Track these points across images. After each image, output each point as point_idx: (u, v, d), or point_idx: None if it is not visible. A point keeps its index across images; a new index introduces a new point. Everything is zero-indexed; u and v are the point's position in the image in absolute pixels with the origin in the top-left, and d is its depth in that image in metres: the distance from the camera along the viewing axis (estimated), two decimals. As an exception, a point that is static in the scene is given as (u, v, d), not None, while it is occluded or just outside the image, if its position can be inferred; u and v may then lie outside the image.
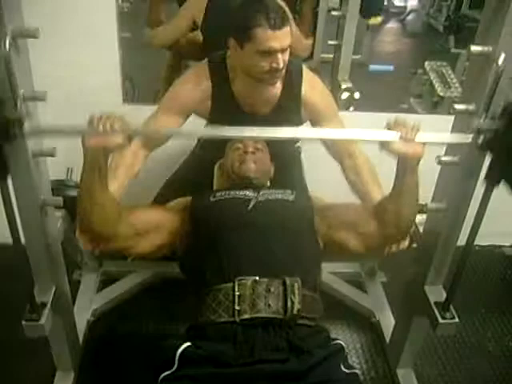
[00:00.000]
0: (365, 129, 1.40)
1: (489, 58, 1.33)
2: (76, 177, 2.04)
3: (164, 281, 2.39)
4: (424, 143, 1.39)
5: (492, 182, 1.35)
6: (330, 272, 2.43)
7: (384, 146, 1.39)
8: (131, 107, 2.35)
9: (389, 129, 1.39)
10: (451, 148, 1.52)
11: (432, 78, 2.90)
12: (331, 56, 2.70)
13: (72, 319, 1.95)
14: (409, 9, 4.91)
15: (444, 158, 1.51)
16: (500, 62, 1.30)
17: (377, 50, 3.65)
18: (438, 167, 1.59)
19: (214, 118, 1.86)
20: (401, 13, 4.78)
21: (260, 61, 1.65)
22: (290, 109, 1.87)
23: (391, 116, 1.45)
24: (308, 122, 1.97)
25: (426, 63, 2.92)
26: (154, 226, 1.61)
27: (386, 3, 4.82)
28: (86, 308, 2.22)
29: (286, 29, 1.62)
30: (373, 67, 3.40)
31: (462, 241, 1.58)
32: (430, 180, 1.63)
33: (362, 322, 2.32)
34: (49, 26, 1.32)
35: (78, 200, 1.45)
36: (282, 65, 1.65)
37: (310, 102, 1.86)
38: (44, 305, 1.58)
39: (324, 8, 3.03)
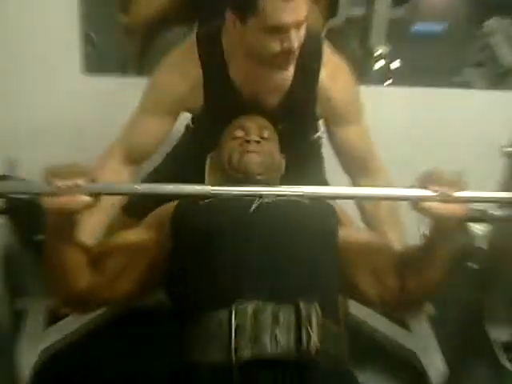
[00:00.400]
0: (393, 188, 1.58)
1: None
2: (21, 171, 2.08)
3: (135, 312, 2.35)
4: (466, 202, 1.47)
5: None
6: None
7: (415, 204, 1.46)
8: (94, 79, 2.37)
9: (422, 186, 1.45)
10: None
11: (497, 41, 2.91)
12: (361, 13, 2.71)
13: (12, 362, 1.95)
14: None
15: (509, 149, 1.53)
16: None
17: (424, 4, 3.64)
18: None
19: (209, 113, 1.91)
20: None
21: (268, 40, 1.66)
22: (303, 99, 1.91)
23: (438, 92, 1.47)
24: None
25: (490, 21, 2.93)
26: (128, 260, 1.65)
27: None
28: (33, 347, 2.23)
29: None
30: (418, 27, 3.41)
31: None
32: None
33: (402, 368, 2.34)
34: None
35: (44, 264, 1.56)
36: (296, 44, 1.66)
37: (328, 93, 1.89)
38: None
39: None
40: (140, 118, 1.87)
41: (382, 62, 2.64)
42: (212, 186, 1.83)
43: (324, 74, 1.87)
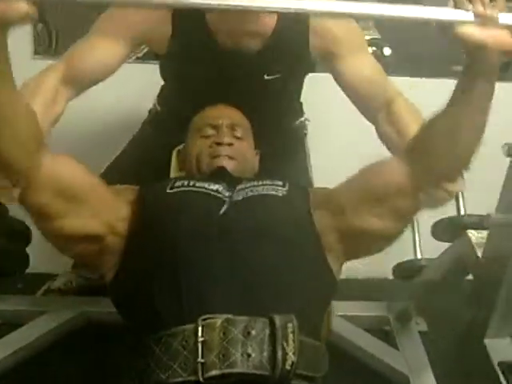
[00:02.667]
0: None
1: None
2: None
3: (89, 326, 2.39)
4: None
5: None
6: (343, 315, 2.43)
7: (447, 31, 1.32)
8: (45, 63, 2.34)
9: (458, 5, 1.30)
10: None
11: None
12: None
13: None
14: None
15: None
16: None
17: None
18: (503, 167, 1.61)
19: (175, 52, 1.87)
20: None
21: None
22: (291, 41, 1.88)
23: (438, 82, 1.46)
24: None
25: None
26: (89, 194, 1.56)
27: None
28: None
29: None
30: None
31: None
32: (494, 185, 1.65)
33: (390, 392, 2.33)
34: None
35: None
36: None
37: (323, 25, 1.86)
38: None
39: None
40: (89, 39, 1.83)
41: (371, 49, 2.63)
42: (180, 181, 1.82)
43: None
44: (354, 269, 2.02)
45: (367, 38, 2.66)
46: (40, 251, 2.31)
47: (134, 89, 1.92)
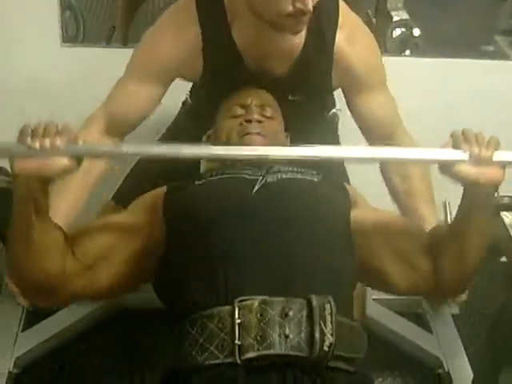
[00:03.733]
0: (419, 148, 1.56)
1: None
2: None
3: (124, 313, 2.39)
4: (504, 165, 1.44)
5: None
6: (376, 299, 2.43)
7: (445, 168, 1.45)
8: (74, 50, 2.37)
9: (454, 146, 1.43)
10: None
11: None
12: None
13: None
14: None
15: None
16: None
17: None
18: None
19: (208, 81, 1.91)
20: None
21: None
22: (316, 66, 1.90)
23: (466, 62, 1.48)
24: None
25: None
26: (110, 247, 1.63)
27: None
28: (7, 354, 2.23)
29: None
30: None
31: None
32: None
33: (423, 374, 2.33)
34: None
35: (9, 241, 1.49)
36: (310, 5, 1.64)
37: (345, 59, 1.89)
38: None
39: None
40: (125, 85, 1.87)
41: (400, 30, 2.64)
42: (209, 169, 1.85)
43: (341, 37, 1.86)
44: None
45: (396, 19, 2.68)
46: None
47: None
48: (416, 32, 2.67)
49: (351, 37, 1.88)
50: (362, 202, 1.77)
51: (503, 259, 1.94)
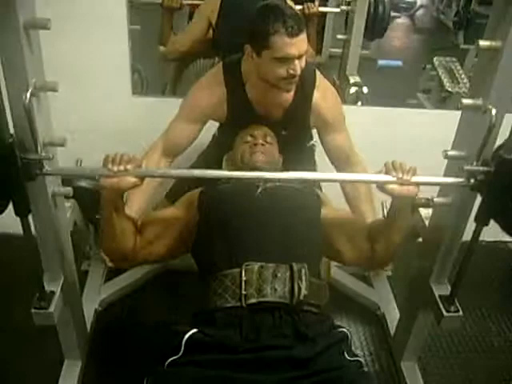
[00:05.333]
0: (362, 174, 1.72)
1: (497, 52, 1.33)
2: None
3: (171, 272, 2.41)
4: (419, 184, 1.47)
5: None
6: (337, 266, 2.42)
7: (381, 187, 1.47)
8: (140, 99, 2.37)
9: (386, 172, 1.45)
10: (458, 142, 1.53)
11: (441, 73, 2.91)
12: (340, 51, 2.71)
13: (80, 309, 1.97)
14: (418, 4, 4.92)
15: (451, 153, 1.52)
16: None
17: (386, 46, 3.64)
18: (444, 162, 1.61)
19: (231, 122, 1.92)
20: (410, 8, 4.78)
21: (277, 67, 1.67)
22: (299, 114, 1.91)
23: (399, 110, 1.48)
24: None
25: (435, 59, 2.95)
26: (163, 230, 1.67)
27: (395, -1, 4.84)
28: (94, 298, 2.25)
29: (303, 35, 1.64)
30: (381, 62, 3.40)
31: (467, 235, 1.59)
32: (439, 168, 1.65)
33: (367, 315, 2.34)
34: (57, 18, 1.32)
35: (100, 228, 1.62)
36: (299, 71, 1.68)
37: (319, 110, 1.90)
38: (53, 293, 1.60)
39: (333, 3, 3.06)
40: (176, 123, 1.89)
41: (354, 88, 2.63)
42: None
43: (317, 95, 1.87)
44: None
45: (352, 81, 2.67)
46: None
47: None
48: (365, 90, 2.65)
49: (323, 95, 1.89)
50: (328, 203, 1.77)
51: (420, 240, 1.93)
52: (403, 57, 3.44)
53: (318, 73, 1.90)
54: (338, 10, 2.76)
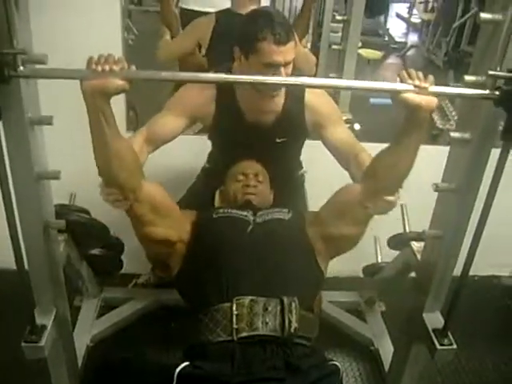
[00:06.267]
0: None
1: (483, 86, 1.36)
2: (79, 202, 2.09)
3: (163, 308, 2.41)
4: (438, 95, 1.36)
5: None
6: (330, 301, 2.43)
7: (396, 97, 1.35)
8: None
9: (402, 80, 1.34)
10: (448, 174, 1.55)
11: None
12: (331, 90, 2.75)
13: (72, 343, 1.94)
14: (409, 45, 5.05)
15: (441, 185, 1.54)
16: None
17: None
18: (435, 195, 1.62)
19: (218, 124, 1.90)
20: (401, 48, 4.90)
21: (263, 73, 1.68)
22: (294, 117, 1.90)
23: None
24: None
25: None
26: (170, 211, 1.62)
27: (386, 39, 4.96)
28: (86, 333, 2.22)
29: (291, 44, 1.67)
30: (373, 100, 3.47)
31: (459, 270, 1.59)
32: (428, 208, 1.66)
33: (361, 350, 2.32)
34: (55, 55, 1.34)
35: (94, 152, 1.40)
36: (284, 75, 1.69)
37: (314, 106, 1.89)
38: (44, 327, 1.58)
39: (325, 42, 3.13)
40: (162, 114, 1.86)
41: (347, 125, 2.67)
42: (219, 206, 1.92)
43: (308, 95, 1.88)
44: (338, 270, 2.00)
45: (344, 118, 2.71)
46: (130, 258, 2.37)
47: (194, 152, 1.95)
48: (357, 126, 2.69)
49: (315, 94, 1.89)
50: (314, 217, 1.73)
51: (412, 275, 1.93)
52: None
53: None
54: None
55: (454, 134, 1.46)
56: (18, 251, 1.41)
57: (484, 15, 1.33)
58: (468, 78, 1.37)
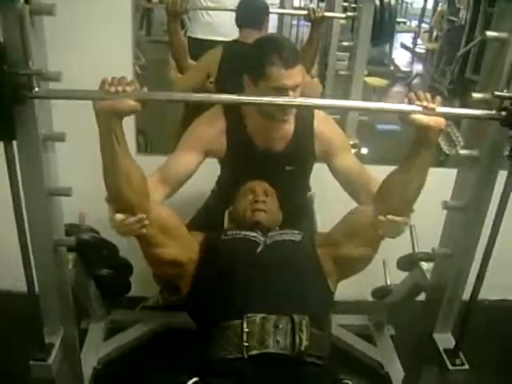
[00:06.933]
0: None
1: (490, 105, 1.37)
2: (88, 222, 2.10)
3: (170, 331, 2.38)
4: (445, 116, 1.38)
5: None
6: (339, 325, 2.40)
7: (405, 118, 1.37)
8: (144, 158, 2.39)
9: (410, 102, 1.37)
10: (457, 192, 1.55)
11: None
12: (338, 116, 2.76)
13: (78, 365, 1.92)
14: (414, 73, 5.09)
15: (450, 203, 1.54)
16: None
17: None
18: (443, 217, 1.63)
19: (230, 155, 1.90)
20: (407, 77, 4.95)
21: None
22: (303, 144, 1.91)
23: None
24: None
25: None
26: (179, 232, 1.62)
27: (392, 68, 5.01)
28: (93, 355, 2.20)
29: (299, 67, 1.68)
30: (380, 126, 3.50)
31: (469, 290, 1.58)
32: (437, 230, 1.66)
33: (371, 374, 2.28)
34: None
35: (103, 171, 1.42)
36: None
37: (323, 134, 1.89)
38: (52, 345, 1.58)
39: (332, 70, 3.17)
40: (176, 154, 1.85)
41: (353, 150, 2.68)
42: (229, 227, 1.92)
43: (317, 123, 1.88)
44: (347, 294, 1.98)
45: (351, 142, 2.72)
46: (138, 280, 2.38)
47: (203, 176, 1.95)
48: (364, 150, 2.71)
49: (324, 122, 1.90)
50: (325, 238, 1.72)
51: (420, 298, 1.91)
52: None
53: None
54: (342, 15, 2.88)
55: (462, 152, 1.48)
56: (28, 270, 1.42)
57: (490, 33, 1.35)
58: (475, 95, 1.39)
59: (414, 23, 5.46)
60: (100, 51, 2.19)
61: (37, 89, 1.28)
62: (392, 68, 5.02)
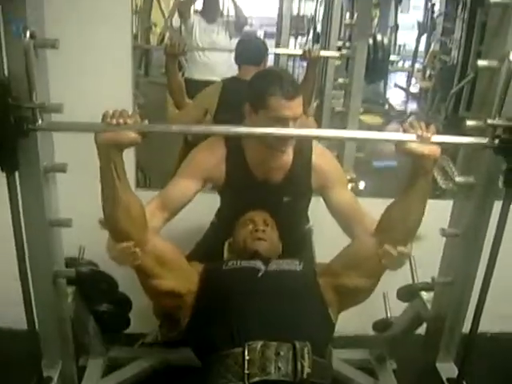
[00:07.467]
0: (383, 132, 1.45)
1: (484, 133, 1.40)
2: (88, 255, 2.09)
3: (169, 368, 2.32)
4: (440, 144, 1.40)
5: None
6: (341, 359, 2.36)
7: (401, 146, 1.39)
8: (143, 192, 2.40)
9: (405, 131, 1.39)
10: (454, 220, 1.56)
11: (434, 171, 2.99)
12: (335, 153, 2.78)
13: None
14: (409, 112, 5.17)
15: (448, 230, 1.55)
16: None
17: (380, 148, 3.77)
18: (443, 242, 1.63)
19: (228, 184, 1.91)
20: (401, 115, 5.02)
21: (272, 127, 1.69)
22: (300, 176, 1.92)
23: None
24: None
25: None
26: (178, 263, 1.61)
27: (386, 107, 5.09)
28: (91, 392, 2.16)
29: (299, 99, 1.70)
30: (377, 163, 3.53)
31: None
32: (435, 260, 1.66)
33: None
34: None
35: (102, 202, 1.43)
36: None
37: (320, 167, 1.90)
38: (50, 379, 1.56)
39: (327, 108, 3.22)
40: (175, 180, 1.85)
41: (350, 184, 2.70)
42: (229, 257, 1.89)
43: (315, 156, 1.89)
44: (348, 328, 1.96)
45: (348, 177, 2.74)
46: (137, 316, 2.35)
47: (202, 209, 1.96)
48: (361, 185, 2.73)
49: (322, 155, 1.91)
50: (326, 268, 1.71)
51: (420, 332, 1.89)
52: (395, 159, 3.56)
53: (314, 140, 1.94)
54: (337, 54, 2.91)
55: (458, 179, 1.49)
56: (28, 305, 1.42)
57: (481, 62, 1.39)
58: (469, 122, 1.42)
59: (408, 63, 5.58)
60: (101, 90, 2.21)
61: (40, 121, 1.31)
62: (387, 107, 5.10)
